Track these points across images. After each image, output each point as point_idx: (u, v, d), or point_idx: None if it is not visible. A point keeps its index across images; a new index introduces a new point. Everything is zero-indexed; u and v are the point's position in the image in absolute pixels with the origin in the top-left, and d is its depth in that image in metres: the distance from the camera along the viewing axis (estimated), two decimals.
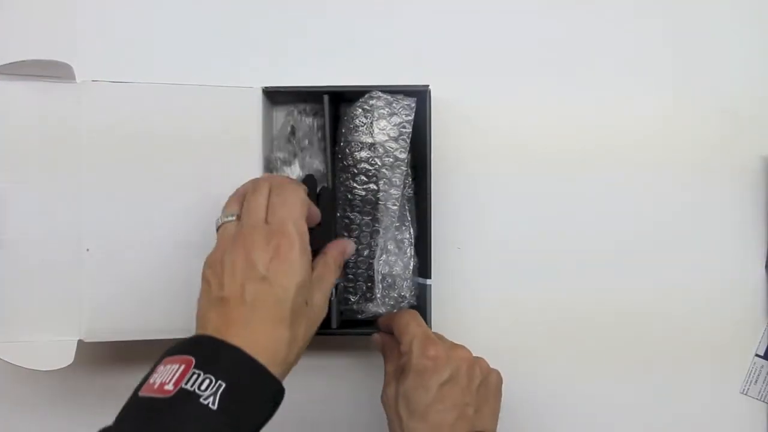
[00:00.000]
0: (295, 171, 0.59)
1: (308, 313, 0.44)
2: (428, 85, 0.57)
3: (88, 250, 0.54)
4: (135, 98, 0.55)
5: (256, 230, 0.43)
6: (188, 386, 0.38)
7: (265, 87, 0.57)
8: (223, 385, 0.38)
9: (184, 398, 0.38)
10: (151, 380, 0.40)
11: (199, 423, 0.37)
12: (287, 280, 0.42)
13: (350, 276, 0.59)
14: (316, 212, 0.49)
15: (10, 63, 0.52)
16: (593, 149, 0.63)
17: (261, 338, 0.41)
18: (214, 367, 0.39)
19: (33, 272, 0.54)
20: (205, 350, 0.40)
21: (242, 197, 0.47)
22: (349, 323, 0.60)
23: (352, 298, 0.59)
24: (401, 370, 0.50)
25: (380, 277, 0.58)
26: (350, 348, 0.63)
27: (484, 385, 0.50)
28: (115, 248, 0.54)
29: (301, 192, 0.46)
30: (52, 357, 0.52)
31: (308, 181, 0.54)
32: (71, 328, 0.54)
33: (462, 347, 0.51)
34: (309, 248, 0.44)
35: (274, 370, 0.41)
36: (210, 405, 0.38)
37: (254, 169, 0.57)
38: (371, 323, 0.59)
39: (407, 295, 0.58)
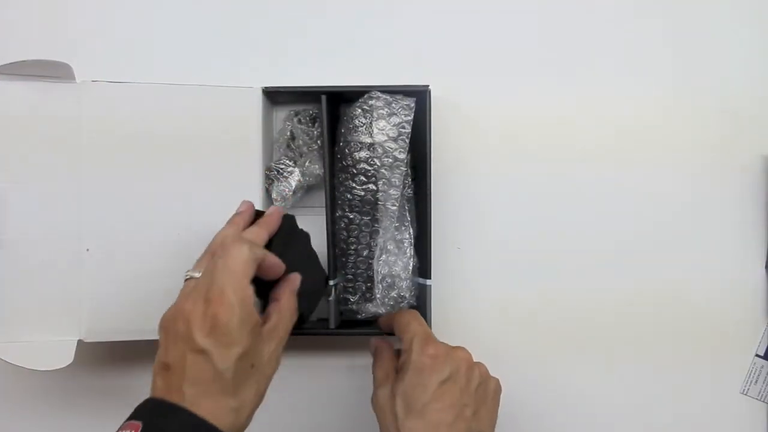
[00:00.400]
0: (295, 177, 0.59)
1: (256, 374, 0.42)
2: (428, 85, 0.57)
3: (88, 250, 0.54)
4: (135, 98, 0.55)
5: (198, 299, 0.41)
6: None
7: (265, 87, 0.57)
8: None
9: None
10: None
11: None
12: (226, 352, 0.40)
13: (350, 276, 0.59)
14: (274, 263, 0.46)
15: (10, 63, 0.52)
16: (593, 149, 0.63)
17: (204, 409, 0.39)
18: (160, 430, 0.38)
19: (33, 272, 0.54)
20: (152, 415, 0.40)
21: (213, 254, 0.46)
22: (348, 323, 0.60)
23: (352, 298, 0.59)
24: (399, 369, 0.50)
25: (380, 278, 0.58)
26: (350, 348, 0.63)
27: (482, 388, 0.50)
28: (115, 248, 0.54)
29: (245, 251, 0.42)
30: (52, 357, 0.52)
31: (285, 221, 0.51)
32: (71, 328, 0.54)
33: (462, 348, 0.51)
34: (252, 312, 0.41)
35: (223, 420, 0.40)
36: None
37: (254, 169, 0.57)
38: (371, 323, 0.59)
39: (407, 296, 0.58)
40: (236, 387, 0.41)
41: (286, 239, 0.50)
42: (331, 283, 0.57)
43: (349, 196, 0.57)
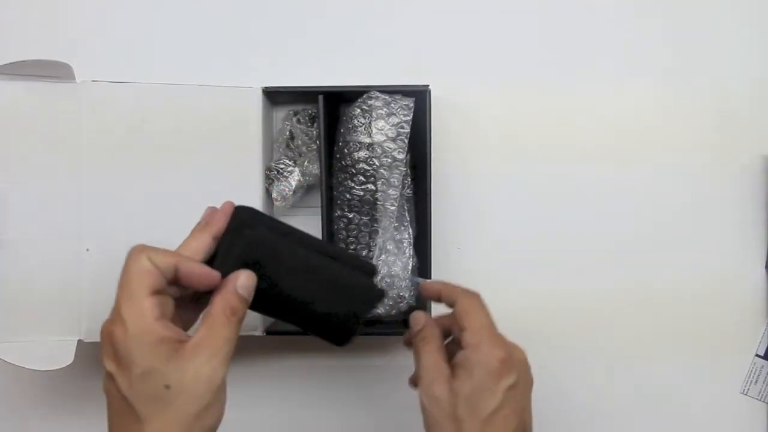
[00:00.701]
0: (295, 177, 0.59)
1: (179, 398, 0.37)
2: (428, 85, 0.57)
3: (88, 250, 0.54)
4: (135, 98, 0.55)
5: (106, 323, 0.39)
6: None
7: (265, 87, 0.57)
8: None
9: None
10: None
11: None
12: (126, 374, 0.37)
13: None
14: (191, 270, 0.40)
15: (10, 63, 0.52)
16: (593, 149, 0.63)
17: None
18: None
19: (33, 272, 0.54)
20: None
21: None
22: None
23: None
24: (458, 363, 0.44)
25: (379, 278, 0.58)
26: (349, 348, 0.63)
27: (531, 389, 0.46)
28: (115, 248, 0.54)
29: (141, 262, 0.39)
30: (52, 357, 0.53)
31: (238, 216, 0.44)
32: (71, 328, 0.54)
33: (519, 348, 0.46)
34: (151, 327, 0.37)
35: None
36: None
37: (254, 169, 0.57)
38: (371, 323, 0.59)
39: (406, 295, 0.58)
40: (148, 413, 0.37)
41: (237, 239, 0.42)
42: None
43: (348, 196, 0.57)
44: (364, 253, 0.58)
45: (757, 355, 0.63)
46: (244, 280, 0.40)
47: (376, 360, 0.64)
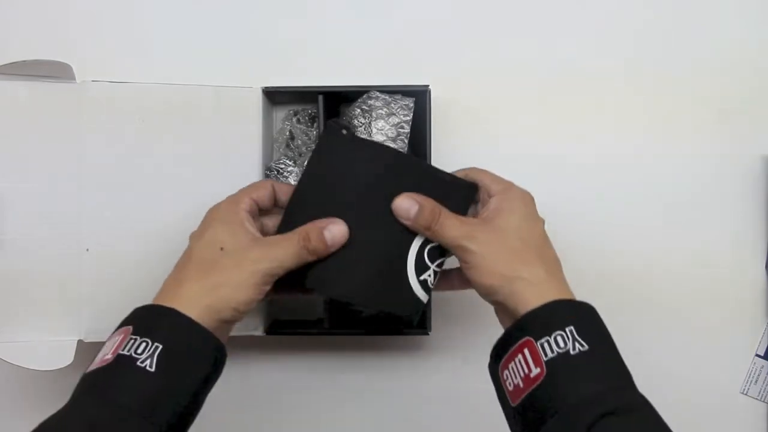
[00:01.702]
0: (295, 177, 0.59)
1: (222, 258, 0.44)
2: (428, 85, 0.57)
3: (88, 250, 0.54)
4: (135, 98, 0.55)
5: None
6: (125, 351, 0.40)
7: (265, 87, 0.57)
8: (160, 347, 0.40)
9: (122, 363, 0.39)
10: (96, 357, 0.41)
11: (136, 385, 0.39)
12: (199, 233, 0.46)
13: None
14: (266, 191, 0.48)
15: (10, 63, 0.52)
16: (594, 150, 0.63)
17: (184, 295, 0.43)
18: (151, 330, 0.41)
19: (33, 272, 0.54)
20: (142, 317, 0.42)
21: None
22: (348, 323, 0.60)
23: None
24: (492, 210, 0.46)
25: None
26: (349, 348, 0.64)
27: None
28: (115, 248, 0.54)
29: (260, 181, 0.51)
30: (51, 357, 0.53)
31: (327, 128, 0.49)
32: (71, 328, 0.54)
33: None
34: (242, 211, 0.46)
35: (207, 322, 0.42)
36: (147, 367, 0.39)
37: (254, 169, 0.57)
38: (370, 323, 0.59)
39: None
40: (206, 267, 0.43)
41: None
42: None
43: None
44: None
45: (757, 355, 0.63)
46: (335, 228, 0.46)
47: (376, 359, 0.64)
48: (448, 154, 0.62)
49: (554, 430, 0.38)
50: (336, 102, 0.60)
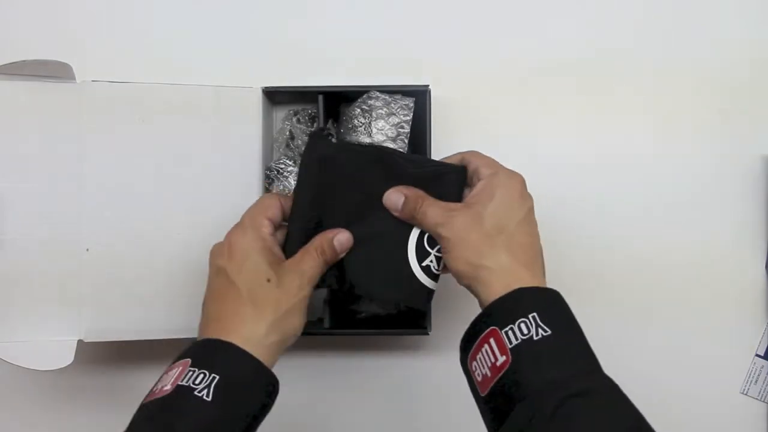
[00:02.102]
0: (295, 177, 0.59)
1: (273, 291, 0.45)
2: (428, 85, 0.57)
3: (88, 250, 0.54)
4: (135, 98, 0.55)
5: (230, 232, 0.48)
6: (184, 383, 0.40)
7: (265, 87, 0.57)
8: (217, 378, 0.40)
9: (181, 394, 0.40)
10: (155, 388, 0.42)
11: (193, 413, 0.40)
12: (237, 265, 0.45)
13: None
14: (278, 209, 0.49)
15: (10, 63, 0.52)
16: (594, 150, 0.63)
17: (249, 333, 0.43)
18: (208, 363, 0.41)
19: (33, 272, 0.54)
20: (200, 350, 0.43)
21: None
22: (347, 323, 0.60)
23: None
24: (476, 194, 0.47)
25: None
26: (349, 348, 0.63)
27: None
28: (115, 248, 0.54)
29: (268, 198, 0.49)
30: (52, 357, 0.52)
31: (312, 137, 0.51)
32: (71, 328, 0.54)
33: None
34: (266, 239, 0.47)
35: (257, 352, 0.43)
36: (204, 396, 0.40)
37: (254, 169, 0.57)
38: (370, 323, 0.59)
39: None
40: (252, 296, 0.44)
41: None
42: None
43: None
44: None
45: (757, 355, 0.63)
46: (341, 237, 0.48)
47: (376, 359, 0.64)
48: (448, 154, 0.62)
49: (521, 415, 0.39)
50: (336, 102, 0.60)
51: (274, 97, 0.60)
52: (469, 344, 0.43)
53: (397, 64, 0.63)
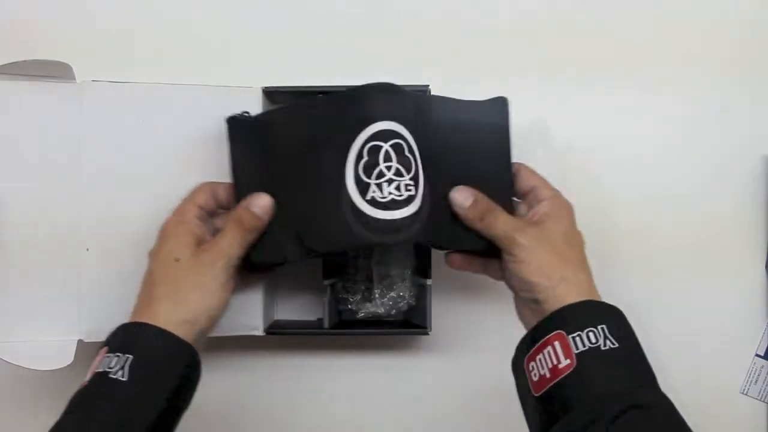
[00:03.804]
0: None
1: (180, 270, 0.46)
2: (428, 85, 0.57)
3: (88, 250, 0.54)
4: (135, 98, 0.55)
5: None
6: (100, 369, 0.42)
7: (265, 87, 0.57)
8: (130, 358, 0.42)
9: (97, 380, 0.41)
10: (81, 383, 0.43)
11: (111, 395, 0.41)
12: (156, 249, 0.48)
13: (349, 276, 0.59)
14: (206, 194, 0.50)
15: (10, 63, 0.52)
16: (593, 150, 0.63)
17: (158, 313, 0.45)
18: (123, 346, 0.42)
19: (33, 272, 0.54)
20: (115, 336, 0.44)
21: None
22: (348, 323, 0.60)
23: (351, 299, 0.59)
24: (541, 214, 0.49)
25: (379, 278, 0.58)
26: (349, 348, 0.63)
27: None
28: (115, 248, 0.54)
29: (199, 186, 0.50)
30: (51, 357, 0.53)
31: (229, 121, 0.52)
32: (71, 328, 0.54)
33: None
34: (192, 219, 0.48)
35: (186, 337, 0.44)
36: (120, 377, 0.41)
37: None
38: (370, 323, 0.59)
39: (406, 295, 0.58)
40: (162, 278, 0.46)
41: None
42: (326, 282, 0.57)
43: None
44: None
45: (757, 355, 0.63)
46: (258, 201, 0.49)
47: (376, 359, 0.64)
48: None
49: (579, 418, 0.40)
50: None
51: (274, 97, 0.59)
52: (531, 344, 0.44)
53: (397, 63, 0.63)
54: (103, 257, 0.54)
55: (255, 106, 0.56)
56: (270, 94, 0.58)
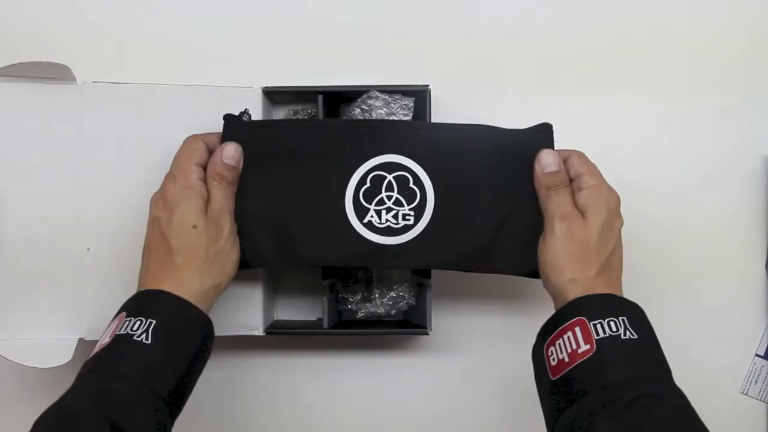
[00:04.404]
0: None
1: (201, 237, 0.46)
2: (428, 85, 0.57)
3: (88, 249, 0.54)
4: (135, 98, 0.55)
5: (163, 182, 0.49)
6: (122, 332, 0.42)
7: (265, 87, 0.57)
8: (154, 322, 0.42)
9: (120, 341, 0.42)
10: (95, 348, 0.44)
11: (135, 355, 0.41)
12: (167, 214, 0.47)
13: (349, 276, 0.59)
14: (202, 151, 0.50)
15: (10, 64, 0.52)
16: (593, 151, 0.63)
17: (182, 281, 0.45)
18: (144, 311, 0.43)
19: (33, 272, 0.54)
20: (134, 302, 0.45)
21: None
22: (347, 323, 0.60)
23: (351, 298, 0.59)
24: (582, 205, 0.49)
25: (378, 278, 0.58)
26: (349, 348, 0.64)
27: None
28: (115, 248, 0.55)
29: (192, 141, 0.49)
30: (51, 354, 0.53)
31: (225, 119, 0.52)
32: (71, 327, 0.54)
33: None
34: (197, 182, 0.48)
35: (211, 300, 0.47)
36: (144, 340, 0.42)
37: None
38: (370, 323, 0.59)
39: (406, 295, 0.58)
40: (178, 246, 0.46)
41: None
42: (325, 282, 0.57)
43: None
44: None
45: (757, 355, 0.63)
46: (225, 151, 0.49)
47: (376, 359, 0.64)
48: None
49: (596, 400, 0.40)
50: (336, 102, 0.60)
51: (274, 97, 0.60)
52: (551, 329, 0.45)
53: (397, 64, 0.63)
54: (103, 257, 0.54)
55: (255, 106, 0.56)
56: (270, 94, 0.58)
